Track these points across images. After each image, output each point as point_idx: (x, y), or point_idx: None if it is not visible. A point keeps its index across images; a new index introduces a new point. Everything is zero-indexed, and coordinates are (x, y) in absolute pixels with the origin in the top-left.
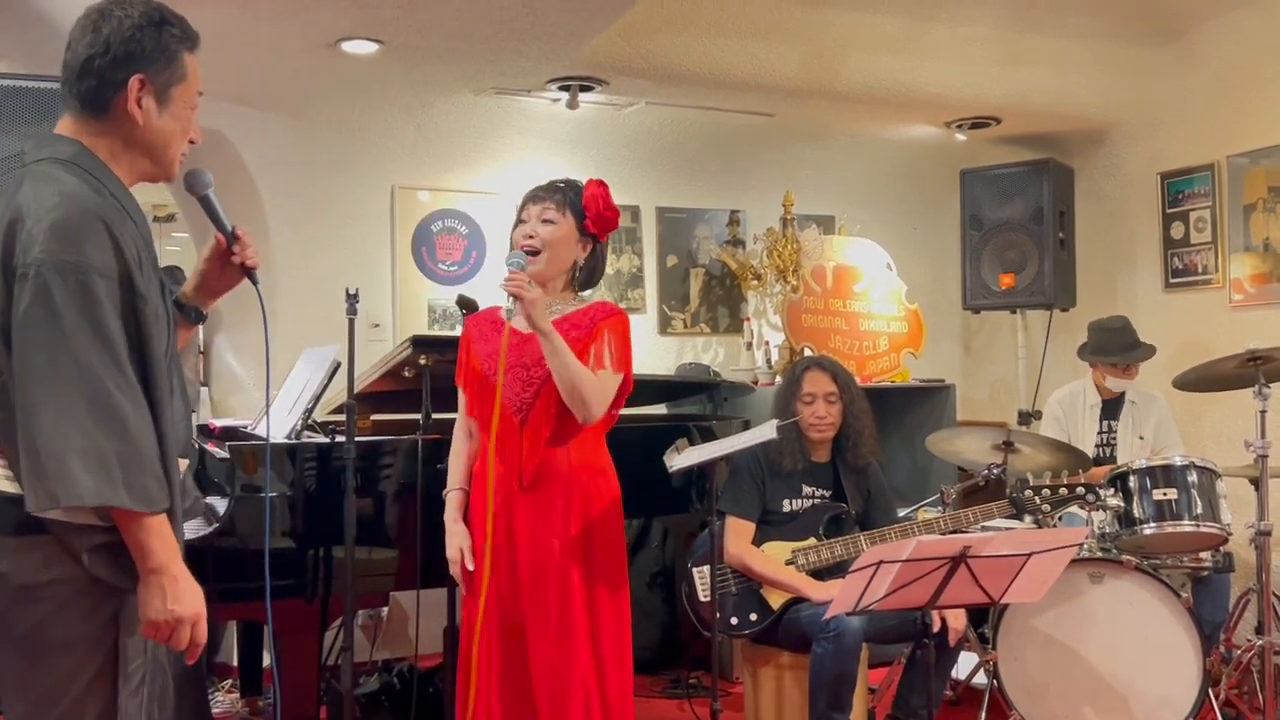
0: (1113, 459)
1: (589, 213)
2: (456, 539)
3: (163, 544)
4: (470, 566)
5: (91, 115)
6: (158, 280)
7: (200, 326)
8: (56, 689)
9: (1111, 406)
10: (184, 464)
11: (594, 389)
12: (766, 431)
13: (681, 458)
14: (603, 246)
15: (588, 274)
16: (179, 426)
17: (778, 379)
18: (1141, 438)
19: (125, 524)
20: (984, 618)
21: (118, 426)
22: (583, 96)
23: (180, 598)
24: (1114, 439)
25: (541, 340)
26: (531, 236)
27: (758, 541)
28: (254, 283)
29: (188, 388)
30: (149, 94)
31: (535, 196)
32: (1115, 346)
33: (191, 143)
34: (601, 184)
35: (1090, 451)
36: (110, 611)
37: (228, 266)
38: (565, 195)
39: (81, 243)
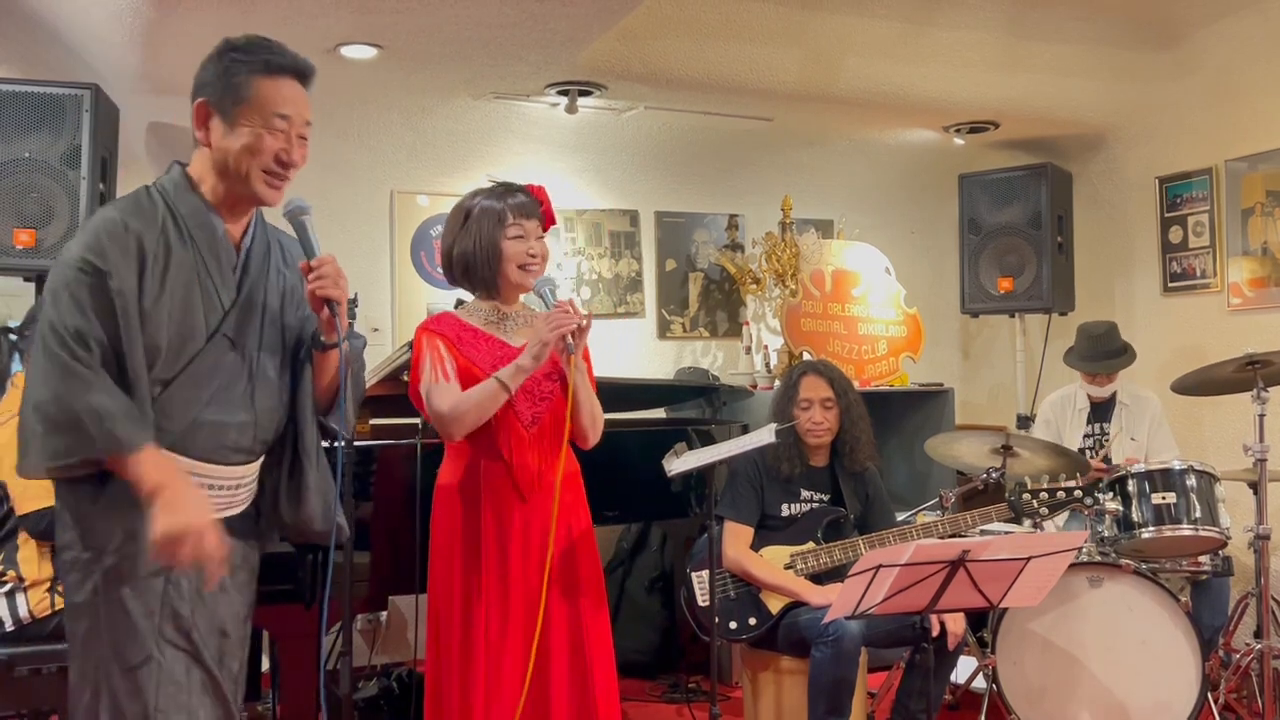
0: (1106, 461)
1: (546, 227)
2: None
3: (153, 470)
4: None
5: (196, 142)
6: (194, 289)
7: (335, 355)
8: (74, 650)
9: (1102, 409)
10: (230, 471)
11: (601, 414)
12: (765, 435)
13: (680, 461)
14: None
15: None
16: (205, 432)
17: (776, 383)
18: (1134, 439)
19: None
20: (983, 622)
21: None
22: (581, 101)
23: (173, 510)
24: (1105, 440)
25: (569, 369)
26: (536, 256)
27: (756, 546)
28: (332, 313)
29: (332, 421)
30: (214, 115)
31: (525, 210)
32: (1093, 354)
33: (283, 164)
34: (544, 191)
35: None
36: (93, 585)
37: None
38: (541, 210)
39: (73, 248)
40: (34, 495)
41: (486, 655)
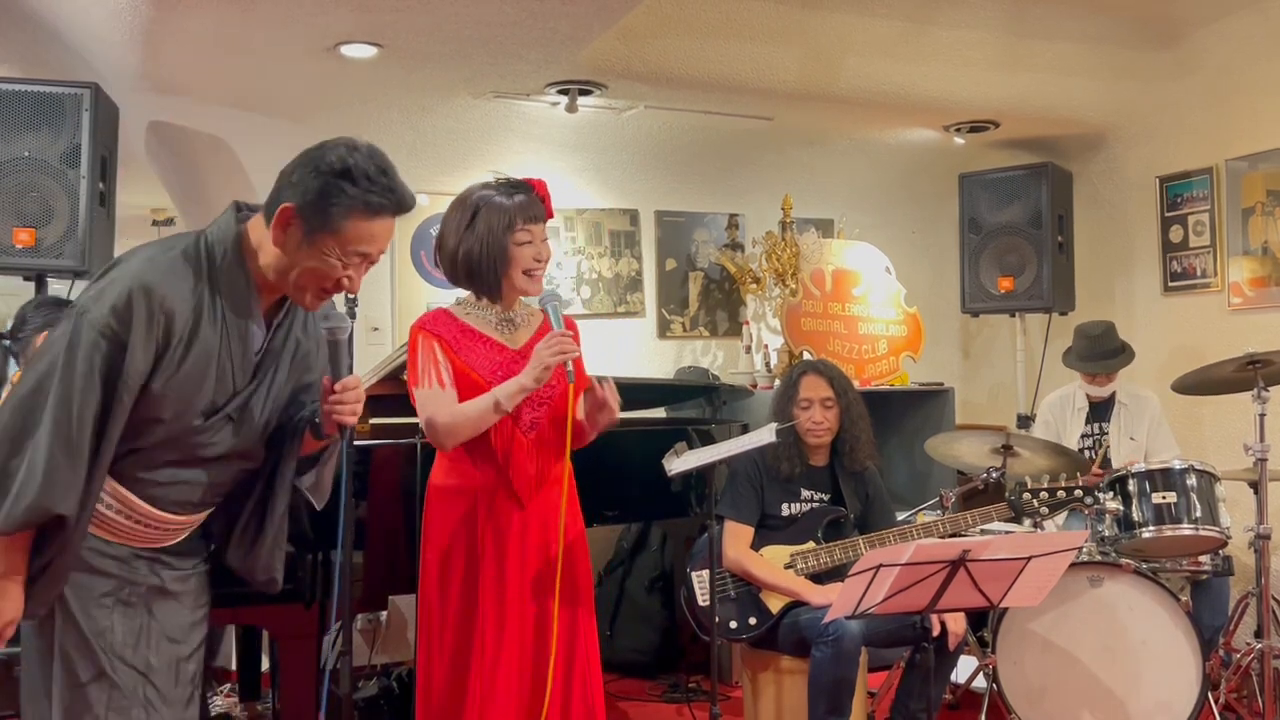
0: (1105, 462)
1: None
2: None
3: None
4: None
5: (265, 217)
6: (209, 371)
7: (329, 443)
8: (28, 663)
9: (1101, 409)
10: (186, 519)
11: None
12: (765, 435)
13: (680, 461)
14: None
15: None
16: (175, 489)
17: (776, 382)
18: (1133, 439)
19: None
20: (983, 621)
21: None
22: (581, 100)
23: None
24: (1104, 440)
25: (570, 393)
26: (540, 260)
27: (756, 546)
28: (341, 436)
29: (313, 493)
30: (296, 226)
31: (534, 214)
32: (1091, 354)
33: (344, 291)
34: (545, 185)
35: None
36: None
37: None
38: (542, 210)
39: (104, 299)
40: None
41: (482, 659)
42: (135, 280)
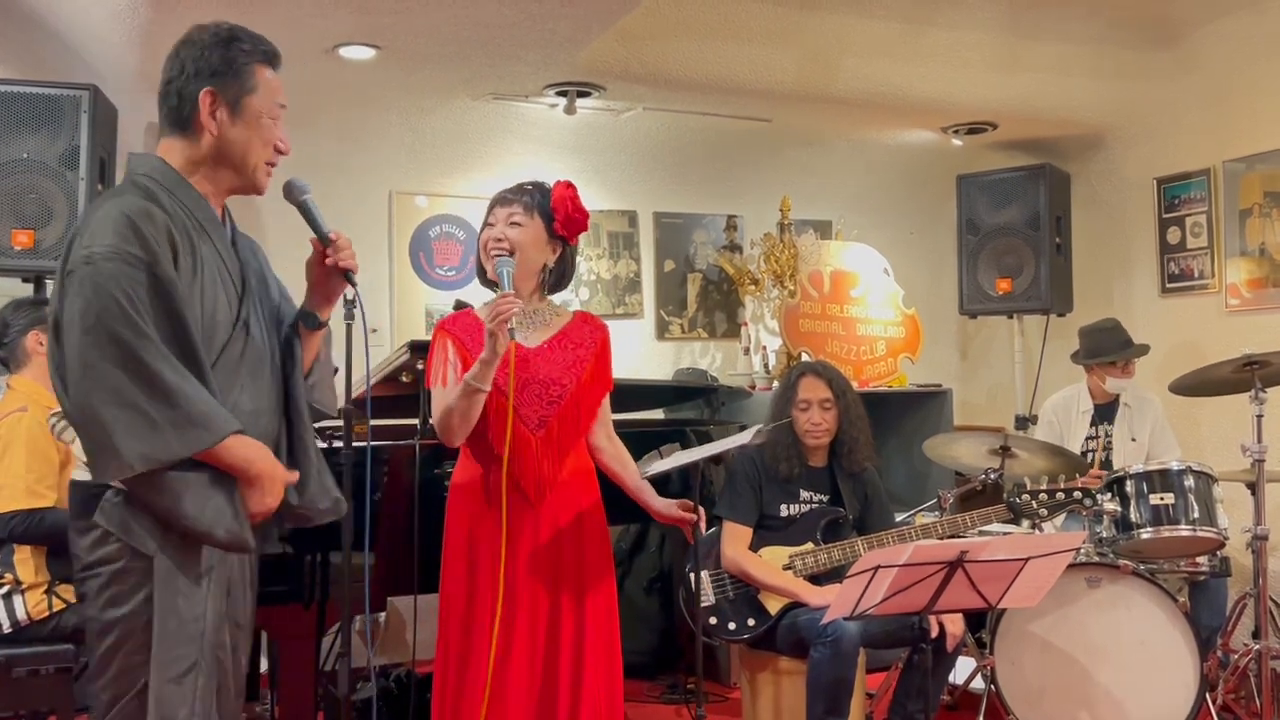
0: (1108, 463)
1: (558, 215)
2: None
3: (235, 457)
4: None
5: (178, 133)
6: (217, 279)
7: (322, 334)
8: (104, 668)
9: (1105, 410)
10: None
11: None
12: (744, 437)
13: (657, 464)
14: (572, 249)
15: (558, 277)
16: (242, 416)
17: (775, 383)
18: (1135, 440)
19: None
20: (981, 622)
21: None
22: (580, 102)
23: (255, 478)
24: (1109, 443)
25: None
26: (501, 240)
27: (755, 546)
28: (352, 285)
29: (327, 405)
30: (221, 106)
31: (502, 199)
32: (1112, 345)
33: (280, 153)
34: (570, 185)
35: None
36: (145, 594)
37: (332, 272)
38: (533, 198)
39: (98, 240)
40: (7, 498)
41: (493, 658)
42: (118, 212)
